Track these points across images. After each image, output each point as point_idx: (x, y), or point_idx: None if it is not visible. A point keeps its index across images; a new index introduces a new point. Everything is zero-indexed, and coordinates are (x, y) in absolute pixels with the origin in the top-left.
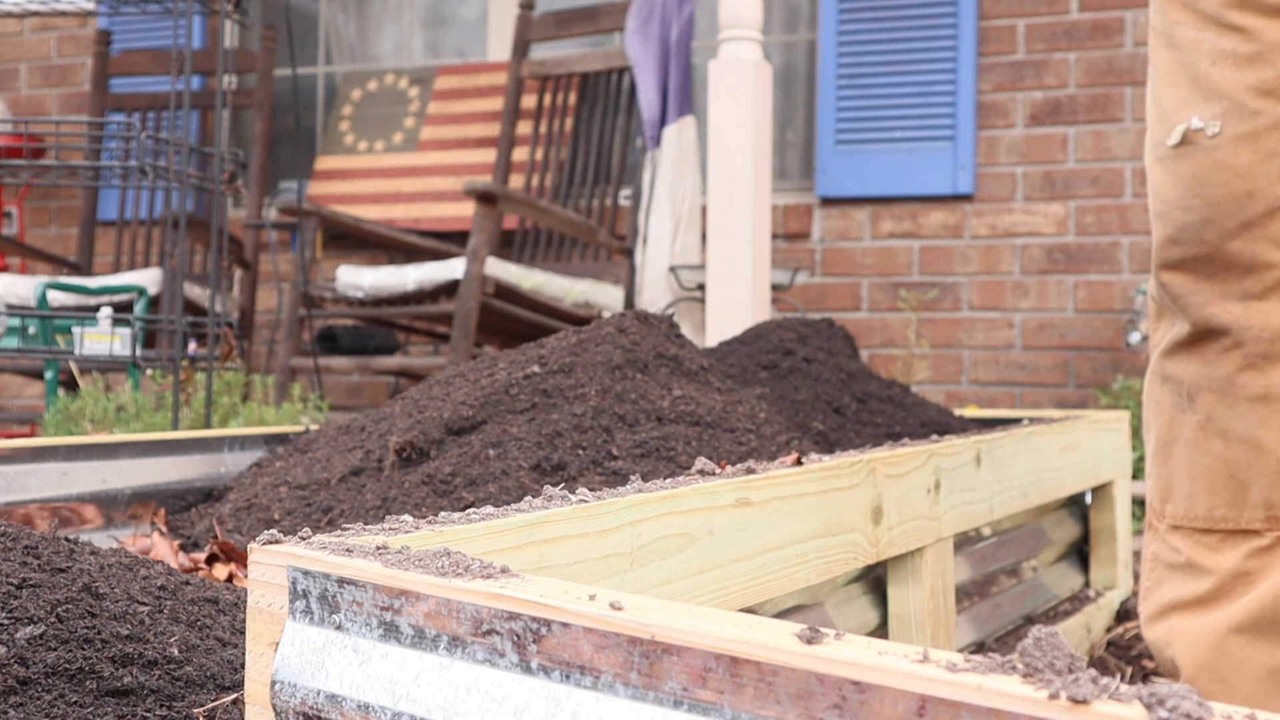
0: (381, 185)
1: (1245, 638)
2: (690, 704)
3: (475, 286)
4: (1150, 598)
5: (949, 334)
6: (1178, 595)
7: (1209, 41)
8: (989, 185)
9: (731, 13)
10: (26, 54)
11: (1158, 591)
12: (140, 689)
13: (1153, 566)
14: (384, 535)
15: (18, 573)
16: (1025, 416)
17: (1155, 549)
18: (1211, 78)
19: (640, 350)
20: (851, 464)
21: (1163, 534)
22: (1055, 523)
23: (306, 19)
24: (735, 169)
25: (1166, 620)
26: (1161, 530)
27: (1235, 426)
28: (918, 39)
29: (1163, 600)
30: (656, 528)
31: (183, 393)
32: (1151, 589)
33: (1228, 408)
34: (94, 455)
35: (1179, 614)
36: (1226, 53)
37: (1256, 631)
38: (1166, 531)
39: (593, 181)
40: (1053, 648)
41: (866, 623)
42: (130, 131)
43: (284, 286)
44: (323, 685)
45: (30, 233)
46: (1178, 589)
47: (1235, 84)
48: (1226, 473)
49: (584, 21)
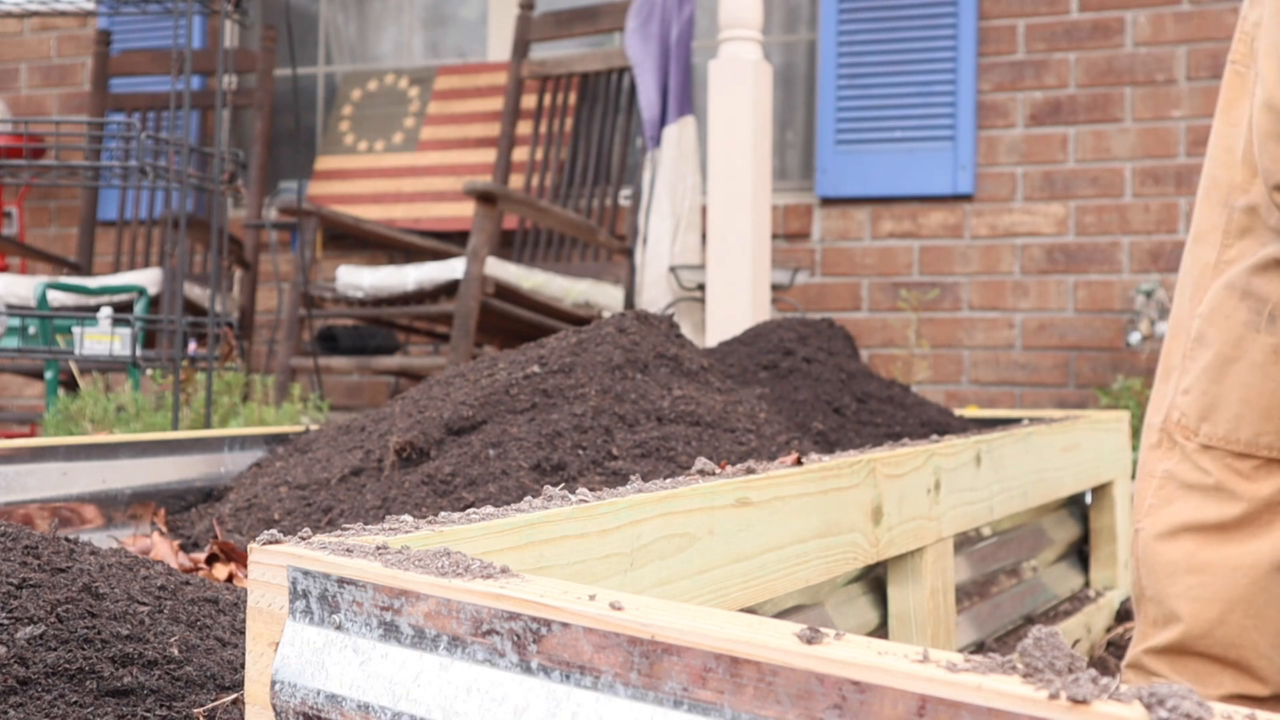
0: (381, 185)
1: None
2: (690, 704)
3: (475, 286)
4: (1158, 514)
5: (949, 334)
6: (1198, 517)
7: None
8: (989, 185)
9: (731, 13)
10: (26, 54)
11: (1168, 509)
12: (140, 689)
13: (1163, 483)
14: (384, 535)
15: (18, 573)
16: (1025, 416)
17: (1171, 466)
18: None
19: (640, 350)
20: (851, 464)
21: (1189, 452)
22: (1055, 523)
23: (306, 19)
24: (735, 169)
25: (1180, 542)
26: (1189, 448)
27: None
28: (918, 39)
29: (1178, 519)
30: (656, 528)
31: (183, 393)
32: (1159, 506)
33: None
34: (94, 455)
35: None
36: None
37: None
38: (1195, 450)
39: (593, 181)
40: (1053, 648)
41: (866, 623)
42: (130, 131)
43: (284, 286)
44: (323, 685)
45: (30, 233)
46: (1197, 510)
47: None
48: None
49: (584, 21)
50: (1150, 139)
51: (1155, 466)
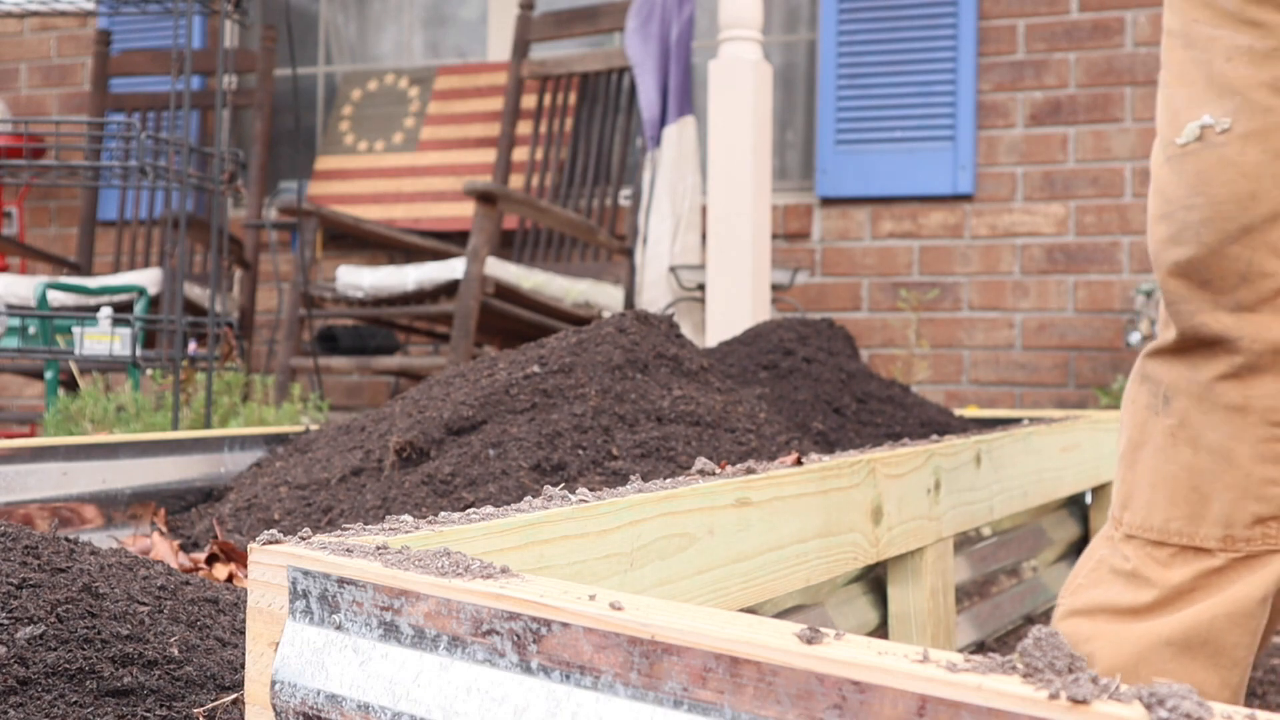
0: (381, 185)
1: (1172, 651)
2: (690, 704)
3: (475, 286)
4: (1081, 594)
5: (949, 334)
6: (1114, 600)
7: (1226, 38)
8: (989, 185)
9: (731, 13)
10: (26, 54)
11: (1092, 591)
12: (140, 689)
13: (1095, 567)
14: (384, 535)
15: (18, 573)
16: (1025, 416)
17: (1104, 553)
18: (1226, 74)
19: (640, 350)
20: (851, 464)
21: (1117, 541)
22: (1055, 523)
23: (306, 19)
24: (735, 169)
25: (1094, 620)
26: (1116, 537)
27: (1207, 435)
28: (918, 39)
29: (1096, 600)
30: (656, 528)
31: (183, 393)
32: (1085, 587)
33: (1203, 414)
34: (94, 455)
35: (1110, 617)
36: (1243, 48)
37: (1185, 648)
38: (1121, 539)
39: (593, 181)
40: (1053, 648)
41: (866, 623)
42: (130, 131)
43: (284, 286)
44: (323, 685)
45: (30, 233)
46: (1116, 594)
47: (1249, 80)
48: (1190, 483)
49: (584, 21)
50: (1150, 139)
51: (1096, 550)
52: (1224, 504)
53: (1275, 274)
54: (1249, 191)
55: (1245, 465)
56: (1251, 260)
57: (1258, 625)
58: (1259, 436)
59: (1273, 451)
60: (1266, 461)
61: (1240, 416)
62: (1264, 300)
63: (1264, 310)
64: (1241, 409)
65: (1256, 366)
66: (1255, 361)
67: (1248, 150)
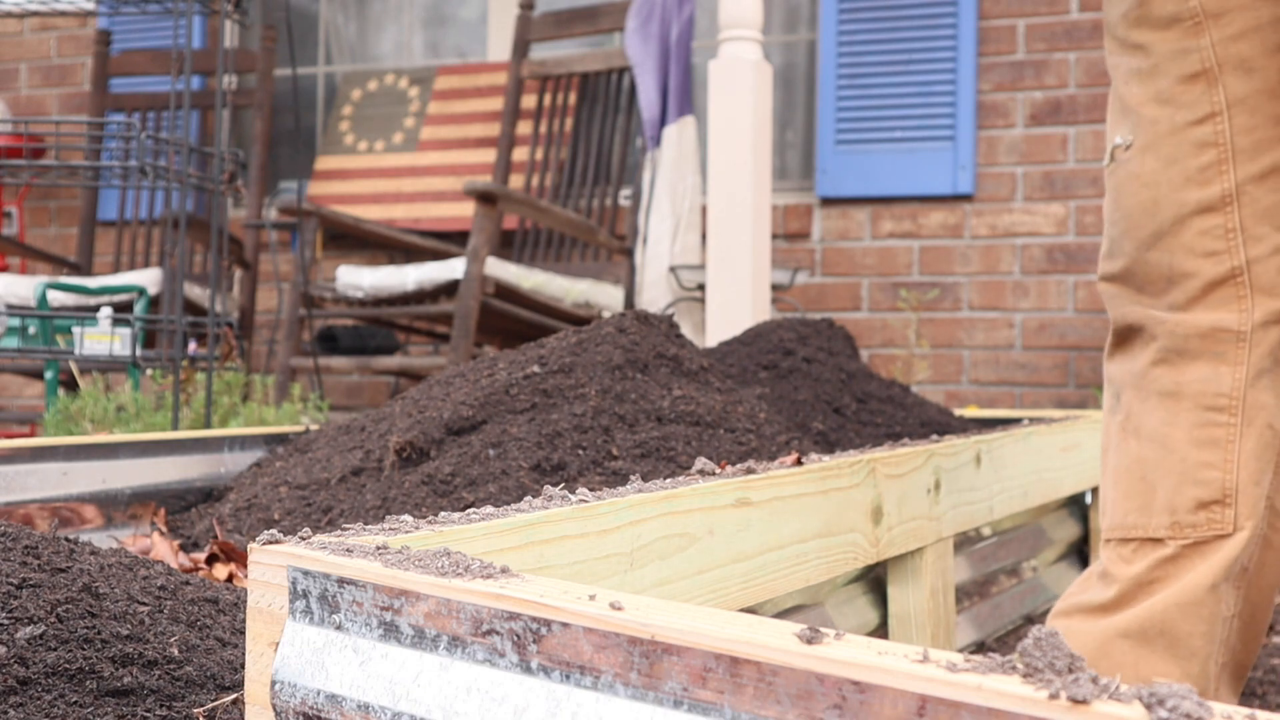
0: (381, 185)
1: (1130, 644)
2: (690, 704)
3: (475, 286)
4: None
5: (949, 334)
6: (1086, 600)
7: (1123, 63)
8: (989, 185)
9: (731, 13)
10: (26, 54)
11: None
12: (140, 689)
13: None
14: (384, 535)
15: (18, 573)
16: (1025, 416)
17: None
18: (1124, 96)
19: (640, 350)
20: (851, 464)
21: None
22: (1055, 523)
23: (306, 19)
24: (735, 169)
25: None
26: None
27: (1147, 422)
28: (918, 39)
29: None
30: (656, 528)
31: (183, 393)
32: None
33: (1141, 402)
34: (94, 455)
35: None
36: (1133, 70)
37: (1142, 640)
38: (1102, 546)
39: (593, 181)
40: (1053, 648)
41: (866, 623)
42: (130, 131)
43: (284, 286)
44: (323, 685)
45: (30, 233)
46: (1089, 594)
47: (1139, 98)
48: (1139, 474)
49: (584, 21)
50: None
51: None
52: (1167, 491)
53: (1197, 273)
54: (1151, 199)
55: (1181, 450)
56: (1172, 263)
57: (1212, 614)
58: (1193, 421)
59: (1207, 435)
60: (1202, 446)
61: (1174, 402)
62: (1193, 300)
63: (1196, 308)
64: (1174, 394)
65: (1185, 351)
66: (1183, 346)
67: (1146, 161)
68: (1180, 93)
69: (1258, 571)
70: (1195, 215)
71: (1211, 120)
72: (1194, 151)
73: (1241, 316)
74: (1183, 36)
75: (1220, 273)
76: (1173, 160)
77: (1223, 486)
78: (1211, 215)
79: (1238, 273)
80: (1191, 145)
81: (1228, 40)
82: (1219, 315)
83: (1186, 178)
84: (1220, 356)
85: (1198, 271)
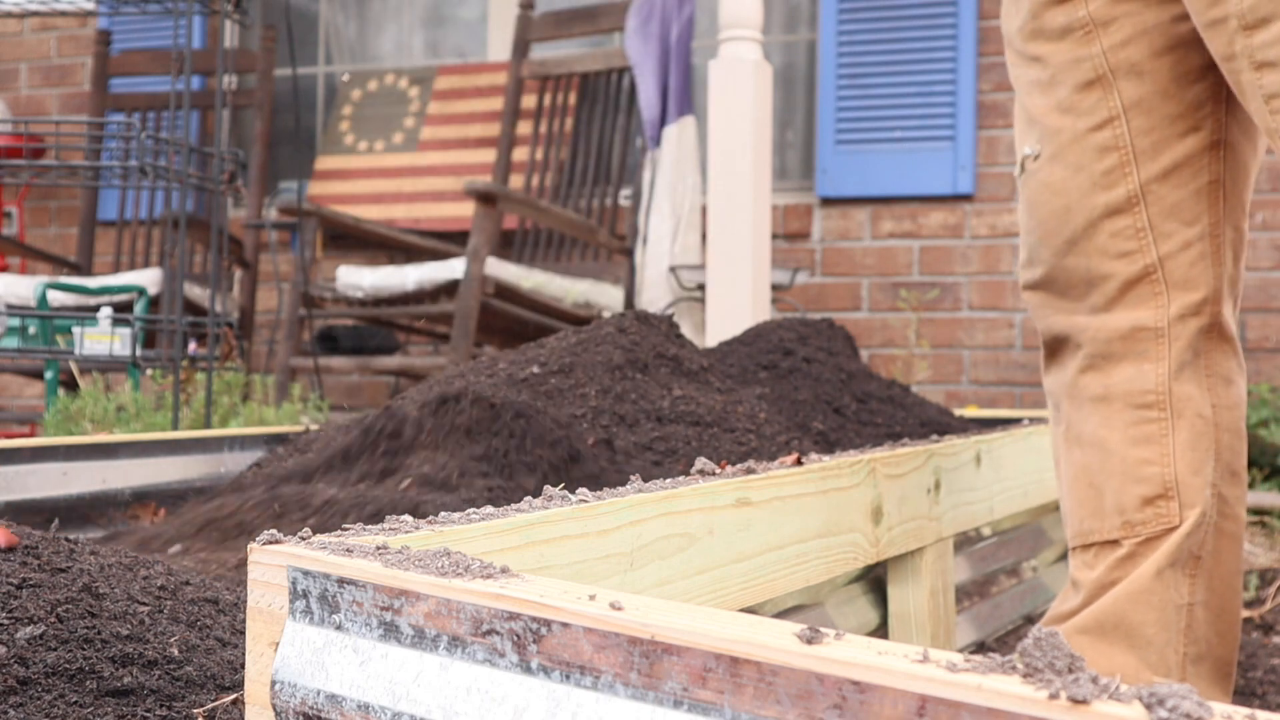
0: (381, 185)
1: (1089, 639)
2: (690, 704)
3: (475, 286)
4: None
5: (949, 334)
6: (1059, 609)
7: (1024, 75)
8: (989, 185)
9: (731, 13)
10: (26, 54)
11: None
12: (140, 689)
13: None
14: (384, 535)
15: (18, 573)
16: (1025, 416)
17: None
18: (1028, 107)
19: (640, 350)
20: (851, 464)
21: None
22: (1055, 523)
23: (306, 19)
24: (735, 169)
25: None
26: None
27: (1084, 429)
28: (918, 39)
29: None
30: (656, 528)
31: (183, 393)
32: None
33: (1076, 410)
34: (94, 455)
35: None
36: (1034, 81)
37: (1099, 634)
38: (1070, 556)
39: (593, 181)
40: (1053, 648)
41: (866, 623)
42: (130, 131)
43: (284, 286)
44: (323, 685)
45: (30, 233)
46: (1059, 604)
47: (1042, 108)
48: (1086, 480)
49: (584, 21)
50: None
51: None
52: (1113, 492)
53: (1114, 274)
54: (1063, 206)
55: (1120, 451)
56: (1089, 266)
57: (1162, 601)
58: (1125, 421)
59: (1141, 433)
60: (1137, 444)
61: (1105, 405)
62: (1112, 300)
63: (1116, 309)
64: (1105, 398)
65: (1110, 355)
66: (1107, 350)
67: (1054, 170)
68: (1078, 101)
69: (1214, 560)
70: (1105, 218)
71: (1110, 125)
72: (1097, 156)
73: (1158, 313)
74: (1075, 46)
75: (1135, 271)
76: (1079, 167)
77: (1163, 481)
78: (1120, 217)
79: (1151, 270)
80: (1094, 151)
81: (1117, 47)
82: (1138, 314)
83: (1093, 182)
84: (1143, 355)
85: (1114, 273)
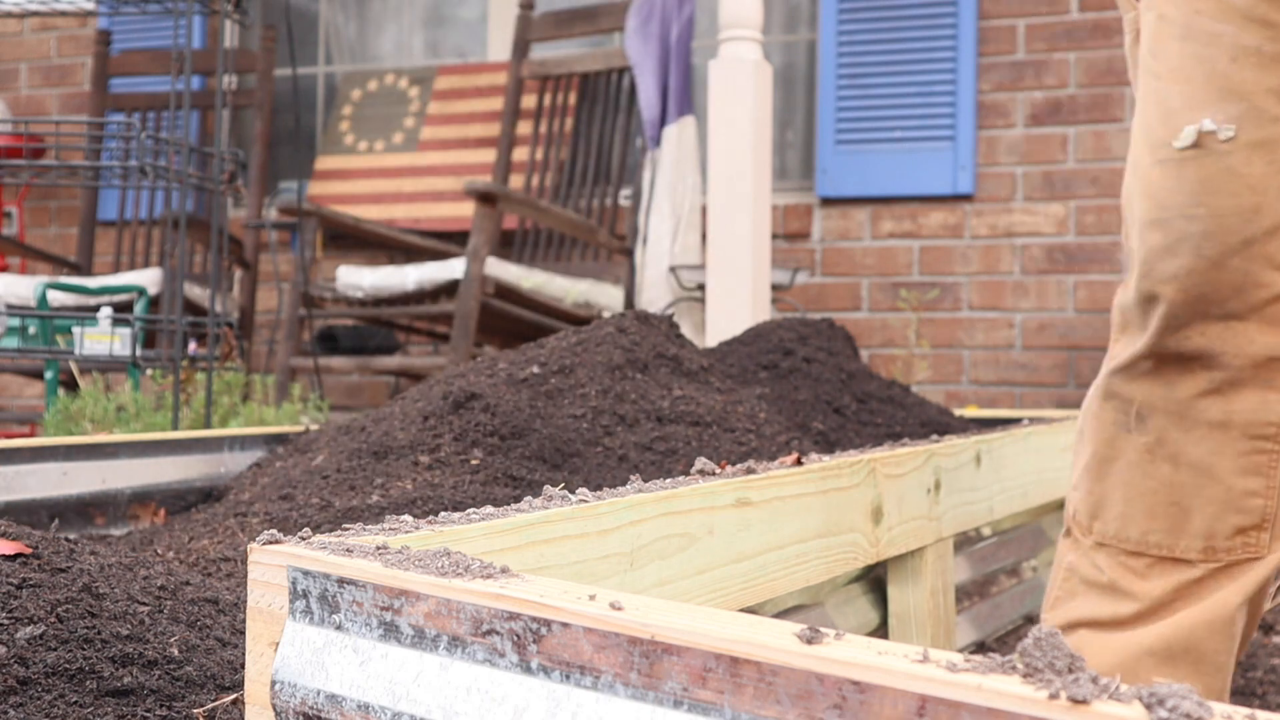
0: (381, 185)
1: (1155, 660)
2: (690, 704)
3: (475, 286)
4: (1059, 608)
5: (949, 334)
6: (1093, 613)
7: (1231, 35)
8: (989, 185)
9: (731, 13)
10: (26, 54)
11: (1069, 604)
12: (140, 689)
13: (1067, 577)
14: (384, 535)
15: (18, 573)
16: (1025, 416)
17: (1073, 560)
18: (1230, 76)
19: (640, 350)
20: (851, 464)
21: (1086, 549)
22: (1055, 523)
23: (306, 19)
24: (735, 169)
25: (1075, 634)
26: (1085, 545)
27: (1189, 451)
28: (918, 39)
29: (1075, 615)
30: (656, 528)
31: (183, 393)
32: (1062, 599)
33: (1184, 431)
34: (94, 455)
35: (1091, 630)
36: (1250, 49)
37: (1168, 657)
38: (1091, 547)
39: (593, 181)
40: (1053, 648)
41: (866, 623)
42: (130, 131)
43: (284, 286)
44: (323, 685)
45: (30, 233)
46: (1094, 607)
47: (1256, 85)
48: (1170, 498)
49: (584, 21)
50: None
51: (1063, 557)
52: (1205, 517)
53: (1270, 285)
54: (1254, 205)
55: (1227, 479)
56: (1249, 272)
57: (1236, 631)
58: (1240, 450)
59: (1253, 464)
60: (1248, 474)
61: (1222, 432)
62: (1253, 309)
63: (1251, 319)
64: (1223, 425)
65: (1238, 381)
66: (1236, 376)
67: (1254, 161)
68: None
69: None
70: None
71: None
72: None
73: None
74: None
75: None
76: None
77: (1263, 513)
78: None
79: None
80: None
81: None
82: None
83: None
84: (1269, 384)
85: (1272, 283)
